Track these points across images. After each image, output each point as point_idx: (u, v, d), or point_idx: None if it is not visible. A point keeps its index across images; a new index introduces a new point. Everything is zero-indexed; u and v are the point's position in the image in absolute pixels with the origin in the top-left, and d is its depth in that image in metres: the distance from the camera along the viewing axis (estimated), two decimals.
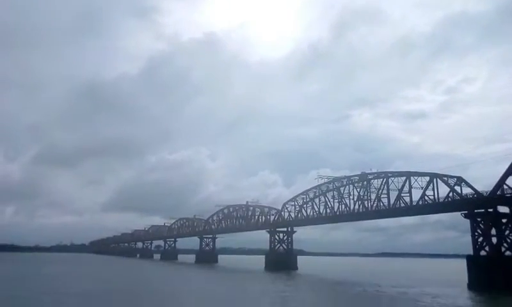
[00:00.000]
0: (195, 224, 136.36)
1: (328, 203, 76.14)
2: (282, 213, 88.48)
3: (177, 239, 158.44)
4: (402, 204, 60.39)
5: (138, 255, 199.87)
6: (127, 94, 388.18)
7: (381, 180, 64.89)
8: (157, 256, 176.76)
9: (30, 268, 78.30)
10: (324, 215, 77.20)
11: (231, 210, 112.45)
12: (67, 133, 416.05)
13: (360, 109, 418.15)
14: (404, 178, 60.74)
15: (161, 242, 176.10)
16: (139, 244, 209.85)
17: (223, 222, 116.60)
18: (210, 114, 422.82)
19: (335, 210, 74.16)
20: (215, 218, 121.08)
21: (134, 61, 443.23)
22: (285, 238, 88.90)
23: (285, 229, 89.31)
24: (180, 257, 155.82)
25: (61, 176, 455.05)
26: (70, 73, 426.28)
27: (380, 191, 64.55)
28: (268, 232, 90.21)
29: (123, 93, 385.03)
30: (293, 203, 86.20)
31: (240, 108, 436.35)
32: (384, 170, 66.25)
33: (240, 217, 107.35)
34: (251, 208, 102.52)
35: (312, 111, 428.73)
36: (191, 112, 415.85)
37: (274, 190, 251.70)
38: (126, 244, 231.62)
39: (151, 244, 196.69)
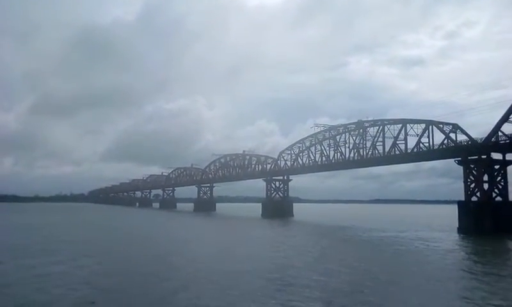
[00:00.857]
0: (192, 173, 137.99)
1: (324, 152, 76.78)
2: (278, 162, 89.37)
3: (175, 188, 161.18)
4: (397, 152, 61.03)
5: (137, 204, 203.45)
6: (122, 41, 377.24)
7: (377, 127, 65.06)
8: (156, 205, 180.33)
9: (34, 217, 79.84)
10: (319, 163, 78.06)
11: (228, 159, 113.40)
12: (63, 82, 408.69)
13: (358, 56, 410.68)
14: (399, 126, 60.82)
15: (160, 191, 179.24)
16: (138, 193, 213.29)
17: (220, 171, 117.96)
18: (207, 62, 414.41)
19: (331, 158, 74.91)
20: (212, 167, 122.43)
21: (129, 4, 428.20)
22: (281, 186, 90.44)
23: (281, 177, 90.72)
24: (179, 205, 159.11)
25: (59, 126, 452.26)
26: (65, 19, 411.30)
27: (376, 139, 64.92)
28: (264, 181, 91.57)
29: (119, 40, 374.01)
30: (289, 152, 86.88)
31: (238, 55, 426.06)
32: (381, 118, 66.46)
33: (237, 166, 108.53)
34: (248, 157, 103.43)
35: (310, 58, 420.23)
36: (188, 60, 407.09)
37: (271, 140, 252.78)
38: (125, 193, 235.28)
39: (150, 193, 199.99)
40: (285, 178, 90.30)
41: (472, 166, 49.00)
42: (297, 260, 24.70)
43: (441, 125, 54.87)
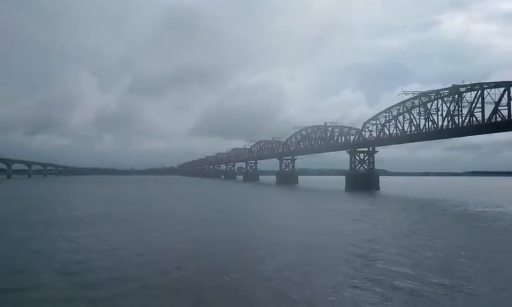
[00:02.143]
0: (274, 146, 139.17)
1: (413, 121, 71.83)
2: (363, 132, 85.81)
3: (258, 161, 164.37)
4: (499, 119, 54.70)
5: (223, 176, 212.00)
6: (208, 17, 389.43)
7: (475, 92, 58.77)
8: (239, 178, 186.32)
9: (134, 189, 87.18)
10: (408, 133, 73.37)
11: (309, 131, 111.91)
12: (155, 62, 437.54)
13: (451, 13, 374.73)
14: (502, 89, 54.29)
15: (243, 164, 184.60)
16: (223, 166, 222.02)
17: (301, 143, 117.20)
18: (290, 32, 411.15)
19: (421, 127, 69.92)
20: (293, 140, 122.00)
21: None
22: (366, 158, 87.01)
23: (366, 149, 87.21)
24: (261, 178, 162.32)
25: (151, 104, 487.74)
26: (155, 0, 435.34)
27: (473, 105, 58.82)
28: (348, 153, 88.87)
29: (205, 16, 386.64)
30: (374, 122, 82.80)
31: (321, 23, 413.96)
32: (479, 81, 59.68)
33: (318, 138, 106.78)
34: (330, 128, 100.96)
35: (398, 19, 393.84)
36: (271, 32, 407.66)
37: (356, 110, 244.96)
38: (211, 166, 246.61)
39: (234, 165, 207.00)
40: (370, 149, 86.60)
41: None
42: (385, 234, 23.36)
43: None
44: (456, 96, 61.98)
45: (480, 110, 57.67)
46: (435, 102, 66.75)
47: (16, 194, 67.58)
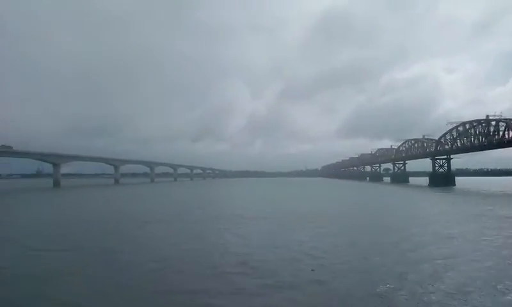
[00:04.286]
0: (425, 145, 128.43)
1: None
2: None
3: (406, 161, 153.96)
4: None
5: (368, 178, 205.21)
6: (361, 16, 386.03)
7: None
8: (386, 179, 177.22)
9: (293, 189, 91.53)
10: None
11: (467, 126, 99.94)
12: (305, 67, 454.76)
13: None
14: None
15: (389, 165, 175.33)
16: (367, 168, 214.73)
17: (458, 141, 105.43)
18: (451, 20, 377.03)
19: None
20: (448, 137, 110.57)
21: None
22: None
23: None
24: (411, 179, 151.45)
25: (300, 109, 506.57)
26: (306, 8, 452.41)
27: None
28: None
29: (357, 16, 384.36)
30: None
31: (487, 7, 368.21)
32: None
33: (479, 134, 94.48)
34: (494, 123, 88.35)
35: None
36: (430, 21, 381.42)
37: None
38: (355, 168, 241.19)
39: (379, 167, 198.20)
40: None
41: None
42: None
43: None
44: None
45: None
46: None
47: (185, 193, 77.51)
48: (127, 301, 11.55)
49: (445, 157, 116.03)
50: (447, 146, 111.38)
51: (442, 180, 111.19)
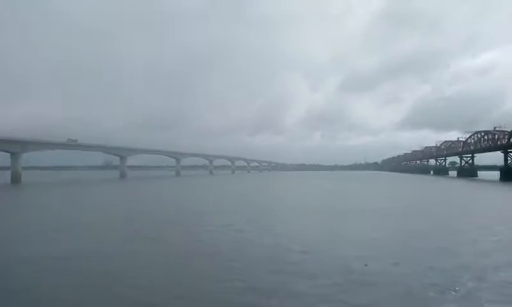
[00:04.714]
0: (496, 137, 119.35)
1: None
2: None
3: (475, 154, 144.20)
4: None
5: (431, 172, 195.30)
6: (425, 2, 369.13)
7: None
8: (452, 173, 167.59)
9: (357, 184, 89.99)
10: None
11: None
12: (367, 57, 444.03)
13: None
14: None
15: (456, 159, 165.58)
16: (432, 161, 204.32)
17: None
18: None
19: None
20: None
21: None
22: None
23: None
24: (480, 174, 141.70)
25: (360, 100, 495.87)
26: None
27: None
28: None
29: (422, 2, 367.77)
30: None
31: None
32: None
33: None
34: None
35: None
36: (501, 6, 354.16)
37: None
38: (418, 161, 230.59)
39: (445, 160, 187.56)
40: None
41: None
42: None
43: None
44: None
45: None
46: None
47: (243, 185, 79.16)
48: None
49: None
50: None
51: None
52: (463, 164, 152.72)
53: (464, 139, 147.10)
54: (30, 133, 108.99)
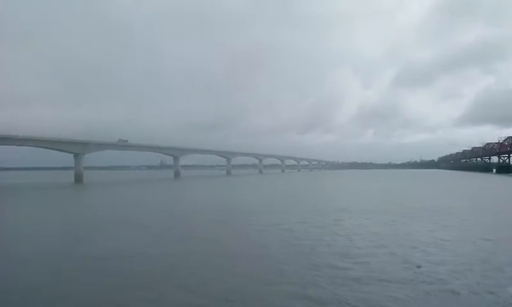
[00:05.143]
0: None
1: None
2: None
3: None
4: None
5: (494, 170, 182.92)
6: None
7: None
8: None
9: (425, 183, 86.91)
10: None
11: None
12: (423, 50, 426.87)
13: None
14: None
15: None
16: (494, 158, 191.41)
17: None
18: None
19: None
20: None
21: None
22: None
23: None
24: None
25: (416, 95, 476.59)
26: None
27: None
28: None
29: None
30: None
31: None
32: None
33: None
34: None
35: None
36: None
37: None
38: (478, 159, 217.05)
39: (509, 157, 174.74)
40: None
41: None
42: None
43: None
44: None
45: None
46: None
47: (293, 184, 78.91)
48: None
49: None
50: None
51: None
52: None
53: None
54: (89, 136, 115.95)
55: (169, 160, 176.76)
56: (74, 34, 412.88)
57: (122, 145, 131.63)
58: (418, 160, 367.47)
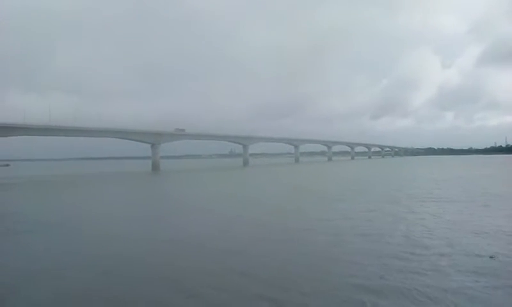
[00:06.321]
0: None
1: None
2: None
3: None
4: None
5: None
6: None
7: None
8: None
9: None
10: None
11: None
12: None
13: None
14: None
15: None
16: None
17: None
18: None
19: None
20: None
21: None
22: None
23: None
24: None
25: (505, 73, 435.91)
26: None
27: None
28: None
29: None
30: None
31: None
32: None
33: None
34: None
35: None
36: None
37: None
38: None
39: None
40: None
41: None
42: None
43: None
44: None
45: None
46: None
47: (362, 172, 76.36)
48: None
49: None
50: None
51: None
52: None
53: None
54: (164, 126, 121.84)
55: (238, 148, 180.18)
56: (149, 28, 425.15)
57: (193, 134, 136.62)
58: (503, 145, 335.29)
